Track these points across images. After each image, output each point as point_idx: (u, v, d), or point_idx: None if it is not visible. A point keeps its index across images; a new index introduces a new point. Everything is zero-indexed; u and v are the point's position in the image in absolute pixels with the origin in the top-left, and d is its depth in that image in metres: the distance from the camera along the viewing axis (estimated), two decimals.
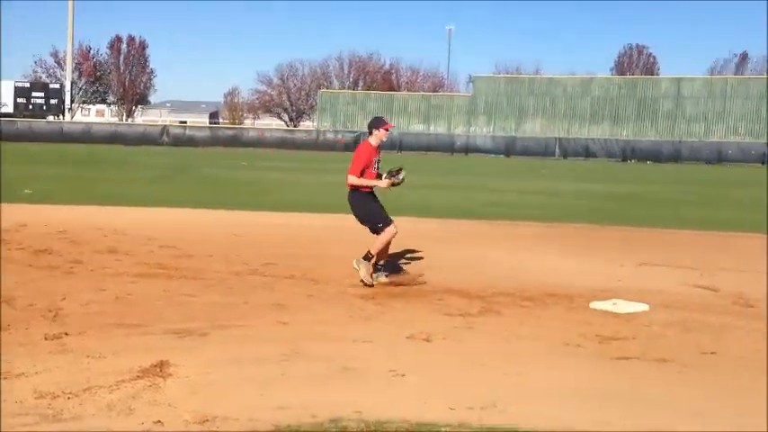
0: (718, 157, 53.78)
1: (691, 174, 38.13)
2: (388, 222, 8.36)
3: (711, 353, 6.03)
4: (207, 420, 4.30)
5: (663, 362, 5.73)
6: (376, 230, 8.44)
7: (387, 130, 8.55)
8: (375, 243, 8.35)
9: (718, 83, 62.98)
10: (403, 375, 5.18)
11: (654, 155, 54.69)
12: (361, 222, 8.60)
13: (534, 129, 62.35)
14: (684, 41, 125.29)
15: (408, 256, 10.46)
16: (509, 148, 57.26)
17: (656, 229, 14.38)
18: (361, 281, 8.27)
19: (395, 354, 5.72)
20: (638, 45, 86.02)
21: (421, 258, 10.33)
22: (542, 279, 8.92)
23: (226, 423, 4.27)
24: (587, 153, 56.05)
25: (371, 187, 8.47)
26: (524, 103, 63.85)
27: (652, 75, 75.54)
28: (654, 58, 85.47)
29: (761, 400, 4.90)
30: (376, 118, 8.81)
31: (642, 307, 7.55)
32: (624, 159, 55.11)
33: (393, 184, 8.56)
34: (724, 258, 10.78)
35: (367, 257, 8.32)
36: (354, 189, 8.46)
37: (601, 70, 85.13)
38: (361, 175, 8.34)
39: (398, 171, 8.65)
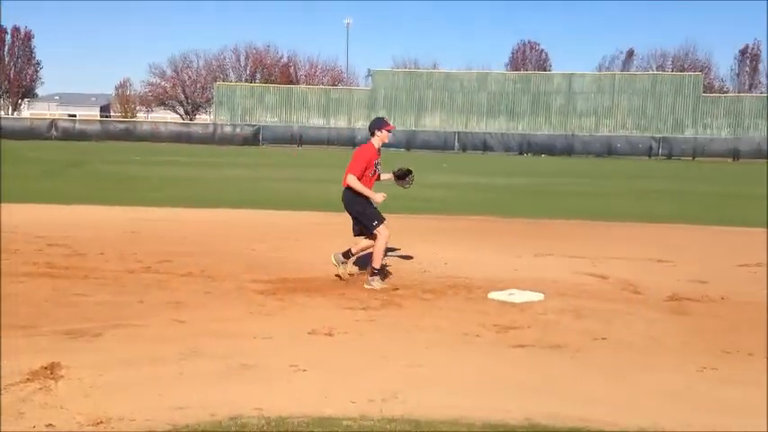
0: (608, 150, 56.02)
1: (583, 166, 39.51)
2: (381, 221, 8.16)
3: (602, 338, 6.26)
4: (101, 422, 4.16)
5: (557, 348, 5.91)
6: (368, 230, 8.20)
7: (389, 131, 8.31)
8: (375, 255, 8.12)
9: (607, 79, 65.55)
10: (304, 370, 5.15)
11: (548, 148, 56.47)
12: (355, 219, 8.35)
13: (433, 123, 63.22)
14: (574, 38, 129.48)
15: (319, 250, 10.41)
16: (410, 142, 57.83)
17: (550, 220, 14.82)
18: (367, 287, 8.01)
19: (296, 349, 5.68)
20: (530, 41, 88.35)
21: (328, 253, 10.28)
22: (442, 271, 9.05)
23: (121, 424, 4.15)
24: (485, 147, 57.31)
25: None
26: (423, 98, 64.62)
27: (544, 71, 77.78)
28: (546, 54, 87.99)
29: (651, 382, 5.12)
30: (378, 119, 8.54)
31: (537, 296, 7.76)
32: (520, 153, 56.65)
33: (402, 186, 8.56)
34: (613, 247, 11.21)
35: (374, 274, 8.08)
36: (349, 188, 8.21)
37: (496, 65, 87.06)
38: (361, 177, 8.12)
39: (406, 174, 8.54)
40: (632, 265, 9.74)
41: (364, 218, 8.24)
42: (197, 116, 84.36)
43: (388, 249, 9.22)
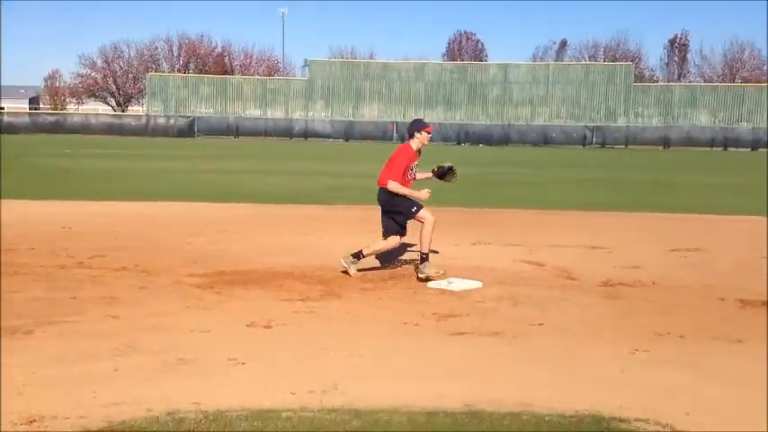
0: (544, 139, 56.96)
1: (520, 156, 40.04)
2: (420, 207, 8.08)
3: (539, 324, 6.36)
4: (34, 421, 4.05)
5: (495, 335, 5.98)
6: (413, 218, 8.11)
7: (429, 132, 8.25)
8: (423, 240, 8.03)
9: (541, 69, 66.55)
10: (243, 363, 5.09)
11: (486, 138, 57.11)
12: (388, 217, 8.23)
13: (371, 113, 63.26)
14: (509, 28, 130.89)
15: (257, 241, 10.31)
16: (348, 133, 57.82)
17: (489, 209, 14.99)
18: (426, 278, 7.92)
19: (234, 342, 5.62)
20: (466, 31, 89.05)
21: (266, 244, 10.19)
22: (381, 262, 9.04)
23: (55, 422, 4.04)
24: None
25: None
26: (361, 88, 64.54)
27: (480, 61, 78.52)
28: (482, 44, 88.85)
29: (586, 365, 5.23)
30: (417, 120, 8.43)
31: (476, 284, 7.83)
32: (458, 143, 57.15)
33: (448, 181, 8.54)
34: (550, 235, 11.39)
35: (423, 260, 8.02)
36: (385, 189, 8.11)
37: (433, 56, 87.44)
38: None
39: (448, 170, 8.50)
40: (568, 253, 9.92)
41: (402, 211, 8.11)
42: (129, 108, 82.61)
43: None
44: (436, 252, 8.66)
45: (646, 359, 5.42)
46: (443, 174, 8.69)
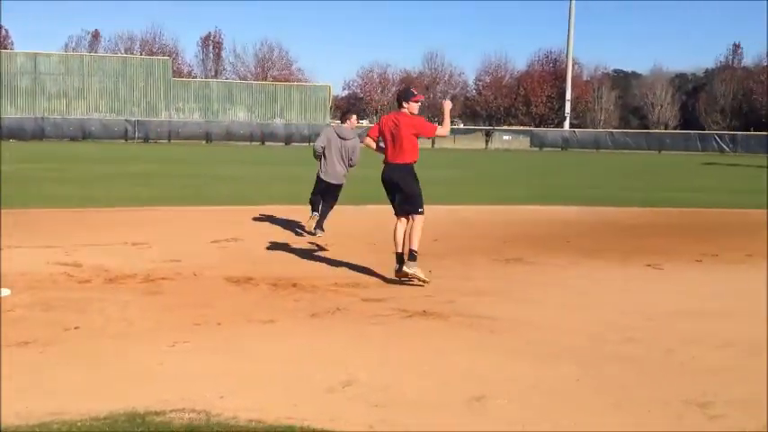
0: (83, 133, 54.61)
1: (55, 151, 37.77)
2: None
3: (75, 328, 6.07)
4: None
5: (24, 345, 5.55)
6: (411, 213, 7.96)
7: (417, 102, 8.19)
8: (415, 236, 7.88)
9: (75, 60, 63.60)
10: None
11: (17, 133, 52.72)
12: (406, 199, 7.99)
13: None
14: (37, 16, 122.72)
15: None
16: None
17: (21, 210, 13.81)
18: (416, 279, 7.79)
19: None
20: None
21: None
22: None
23: None
24: None
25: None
26: None
27: (6, 49, 72.25)
28: (6, 31, 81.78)
29: (123, 364, 5.12)
30: (406, 90, 8.48)
31: (4, 292, 7.18)
32: None
33: None
34: (89, 234, 10.95)
35: (413, 257, 7.82)
36: (409, 165, 7.97)
37: None
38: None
39: None
40: (108, 251, 9.64)
41: (415, 201, 7.97)
42: None
43: None
44: None
45: (186, 350, 5.52)
46: None
